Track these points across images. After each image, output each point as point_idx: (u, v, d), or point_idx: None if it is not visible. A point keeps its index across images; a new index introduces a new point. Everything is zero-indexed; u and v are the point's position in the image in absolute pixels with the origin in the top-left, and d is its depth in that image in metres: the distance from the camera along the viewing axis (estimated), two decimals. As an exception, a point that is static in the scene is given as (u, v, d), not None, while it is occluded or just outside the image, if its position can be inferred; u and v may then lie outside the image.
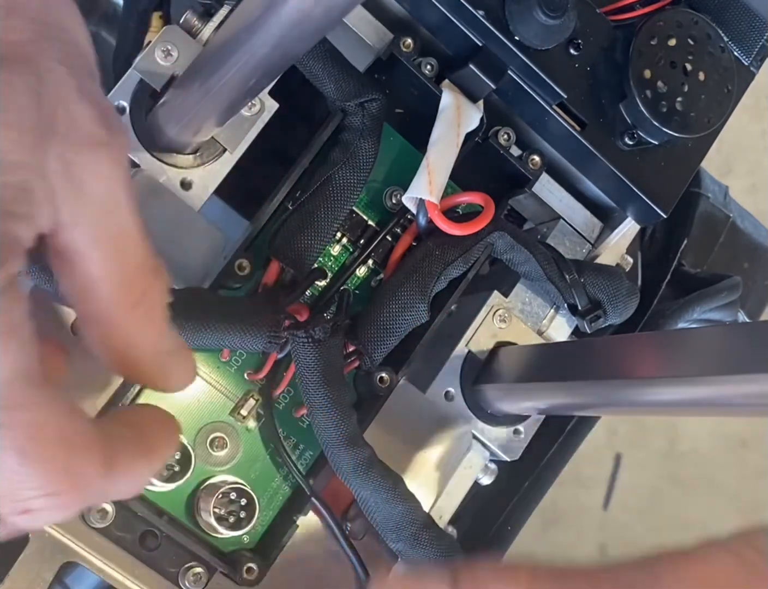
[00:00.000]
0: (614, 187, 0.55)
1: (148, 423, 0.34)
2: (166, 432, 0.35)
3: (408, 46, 0.52)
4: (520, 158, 0.55)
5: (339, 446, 0.48)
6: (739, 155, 1.48)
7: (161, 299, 0.34)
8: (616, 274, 0.55)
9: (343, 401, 0.48)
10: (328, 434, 0.48)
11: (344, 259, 0.55)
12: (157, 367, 0.35)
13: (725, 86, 0.53)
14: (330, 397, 0.48)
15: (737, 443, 1.45)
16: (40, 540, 0.46)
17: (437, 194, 0.50)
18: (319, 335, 0.47)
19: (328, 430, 0.48)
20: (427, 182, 0.50)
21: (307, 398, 0.48)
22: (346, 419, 0.48)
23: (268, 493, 0.52)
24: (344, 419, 0.48)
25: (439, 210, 0.51)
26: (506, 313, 0.55)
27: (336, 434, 0.48)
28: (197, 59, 0.43)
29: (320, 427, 0.48)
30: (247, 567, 0.49)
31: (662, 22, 0.52)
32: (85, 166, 0.30)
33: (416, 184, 0.51)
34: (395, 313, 0.51)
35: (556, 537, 1.37)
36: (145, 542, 0.49)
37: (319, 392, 0.48)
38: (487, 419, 0.54)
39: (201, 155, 0.49)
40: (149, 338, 0.34)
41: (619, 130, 0.52)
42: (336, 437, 0.48)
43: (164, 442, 0.35)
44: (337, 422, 0.48)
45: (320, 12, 0.33)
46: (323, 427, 0.48)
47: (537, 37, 0.49)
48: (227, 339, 0.46)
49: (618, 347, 0.45)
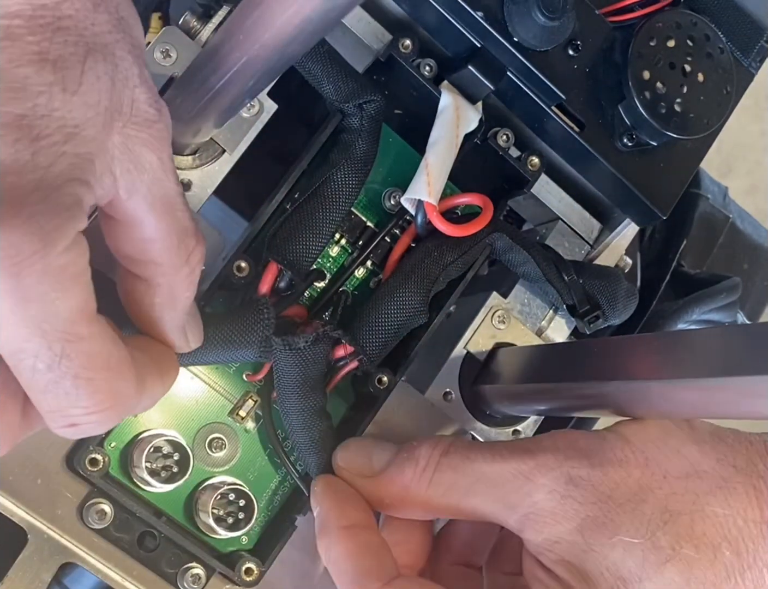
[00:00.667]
0: (613, 188, 0.55)
1: (156, 350, 0.39)
2: (171, 357, 0.40)
3: (407, 48, 0.52)
4: (519, 159, 0.55)
5: (305, 450, 0.49)
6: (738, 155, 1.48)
7: (200, 261, 0.38)
8: (614, 276, 0.55)
9: (314, 407, 0.49)
10: (296, 437, 0.49)
11: (343, 261, 0.55)
12: (182, 325, 0.40)
13: (724, 87, 0.53)
14: (300, 403, 0.49)
15: (737, 444, 1.45)
16: (38, 541, 0.46)
17: (436, 196, 0.50)
18: (300, 343, 0.47)
19: (296, 433, 0.49)
20: (426, 183, 0.50)
21: (281, 401, 0.49)
22: (315, 424, 0.49)
23: (267, 494, 0.52)
24: (312, 425, 0.49)
25: (437, 211, 0.51)
26: (505, 314, 0.55)
27: (303, 438, 0.49)
28: (196, 60, 0.43)
29: (291, 429, 0.50)
30: (245, 568, 0.49)
31: (661, 24, 0.52)
32: (141, 141, 0.34)
33: (415, 186, 0.51)
34: (394, 314, 0.51)
35: (555, 538, 1.37)
36: (143, 543, 0.49)
37: (291, 396, 0.49)
38: (486, 419, 0.54)
39: (200, 156, 0.49)
40: (187, 298, 0.39)
41: (618, 131, 0.52)
42: (303, 441, 0.49)
43: (172, 365, 0.40)
44: (305, 426, 0.49)
45: (319, 13, 0.33)
46: (292, 430, 0.50)
47: (536, 39, 0.49)
48: (219, 358, 0.47)
49: (617, 348, 0.45)
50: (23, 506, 0.46)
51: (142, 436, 0.49)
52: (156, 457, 0.49)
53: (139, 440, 0.49)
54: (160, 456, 0.49)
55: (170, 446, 0.49)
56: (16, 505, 0.46)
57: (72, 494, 0.47)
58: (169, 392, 0.50)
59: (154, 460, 0.49)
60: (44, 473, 0.46)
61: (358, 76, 0.51)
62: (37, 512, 0.46)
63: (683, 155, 0.54)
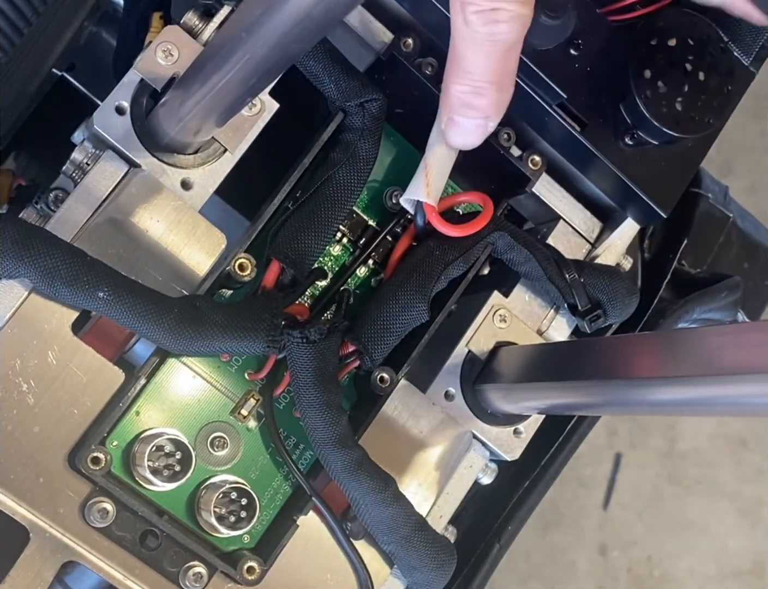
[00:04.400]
0: (614, 187, 0.55)
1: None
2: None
3: (408, 47, 0.52)
4: (520, 158, 0.55)
5: (329, 447, 0.48)
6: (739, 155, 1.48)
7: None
8: (616, 274, 0.55)
9: (335, 402, 0.48)
10: (319, 434, 0.48)
11: (344, 260, 0.55)
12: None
13: (725, 86, 0.53)
14: (321, 398, 0.48)
15: (737, 443, 1.45)
16: (40, 539, 0.46)
17: (434, 196, 0.50)
18: (315, 336, 0.47)
19: (319, 430, 0.48)
20: (425, 184, 0.50)
21: (299, 398, 0.49)
22: (337, 419, 0.48)
23: (269, 492, 0.53)
24: (335, 420, 0.48)
25: (436, 212, 0.51)
26: (506, 313, 0.55)
27: (326, 435, 0.48)
28: (198, 59, 0.43)
29: (311, 427, 0.49)
30: (247, 566, 0.49)
31: (662, 23, 0.52)
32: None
33: (413, 186, 0.51)
34: (395, 313, 0.51)
35: (556, 537, 1.37)
36: (145, 542, 0.49)
37: (310, 392, 0.48)
38: (487, 418, 0.54)
39: (201, 155, 0.49)
40: None
41: (619, 130, 0.52)
42: (326, 437, 0.48)
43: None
44: (328, 422, 0.48)
45: (320, 12, 0.33)
46: (314, 427, 0.48)
47: (537, 37, 0.49)
48: (226, 346, 0.46)
49: (618, 347, 0.45)
50: (25, 505, 0.46)
51: (144, 435, 0.49)
52: (158, 456, 0.49)
53: (141, 438, 0.49)
54: (162, 455, 0.49)
55: (172, 445, 0.49)
56: (18, 503, 0.46)
57: (74, 493, 0.47)
58: (171, 391, 0.50)
59: (156, 459, 0.49)
60: (46, 472, 0.46)
61: (360, 75, 0.51)
62: (39, 510, 0.46)
63: (684, 154, 0.54)
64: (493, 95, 0.44)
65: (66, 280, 0.44)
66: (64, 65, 0.64)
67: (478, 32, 0.40)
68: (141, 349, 0.50)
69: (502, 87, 0.44)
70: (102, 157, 0.48)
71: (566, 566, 1.39)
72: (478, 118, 0.45)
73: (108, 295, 0.44)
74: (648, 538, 1.43)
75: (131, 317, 0.44)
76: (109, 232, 0.47)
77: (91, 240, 0.47)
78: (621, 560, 1.41)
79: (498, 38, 0.40)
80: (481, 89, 0.43)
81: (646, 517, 1.44)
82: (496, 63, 0.42)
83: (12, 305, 0.45)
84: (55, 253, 0.44)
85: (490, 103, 0.44)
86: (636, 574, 1.41)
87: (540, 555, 1.38)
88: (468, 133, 0.46)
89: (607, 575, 1.40)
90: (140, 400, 0.50)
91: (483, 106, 0.44)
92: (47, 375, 0.46)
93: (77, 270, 0.44)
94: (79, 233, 0.47)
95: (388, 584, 0.52)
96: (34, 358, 0.46)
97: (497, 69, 0.43)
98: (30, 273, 0.44)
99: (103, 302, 0.44)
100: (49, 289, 0.44)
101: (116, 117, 0.48)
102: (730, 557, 1.43)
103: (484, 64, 0.42)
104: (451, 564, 0.51)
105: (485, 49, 0.41)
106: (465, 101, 0.44)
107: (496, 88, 0.43)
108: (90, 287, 0.44)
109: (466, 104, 0.44)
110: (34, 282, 0.44)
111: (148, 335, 0.45)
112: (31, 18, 0.62)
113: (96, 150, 0.48)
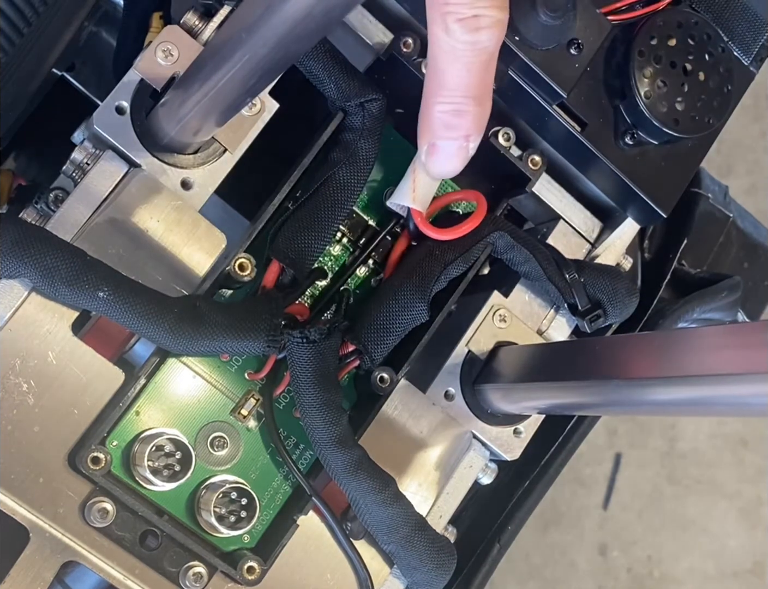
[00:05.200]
0: (614, 187, 0.55)
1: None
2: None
3: (408, 46, 0.52)
4: (520, 158, 0.55)
5: (329, 447, 0.48)
6: (739, 155, 1.48)
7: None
8: (616, 274, 0.55)
9: (335, 402, 0.48)
10: (319, 434, 0.48)
11: (344, 259, 0.55)
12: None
13: (725, 86, 0.53)
14: (321, 397, 0.48)
15: (737, 443, 1.45)
16: (40, 539, 0.46)
17: (421, 201, 0.50)
18: (315, 336, 0.47)
19: (319, 430, 0.48)
20: (411, 189, 0.49)
21: (299, 398, 0.49)
22: (337, 419, 0.48)
23: (269, 492, 0.53)
24: (335, 420, 0.48)
25: (423, 217, 0.51)
26: (506, 313, 0.55)
27: (326, 435, 0.48)
28: (198, 59, 0.43)
29: (311, 427, 0.49)
30: (247, 566, 0.49)
31: (662, 22, 0.52)
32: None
33: (400, 191, 0.51)
34: (395, 312, 0.51)
35: (556, 537, 1.37)
36: (145, 542, 0.49)
37: (310, 392, 0.48)
38: (487, 418, 0.54)
39: (201, 155, 0.49)
40: None
41: (619, 130, 0.52)
42: (326, 437, 0.48)
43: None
44: (328, 422, 0.48)
45: (320, 12, 0.33)
46: (314, 427, 0.48)
47: (538, 37, 0.49)
48: (226, 346, 0.46)
49: (618, 346, 0.45)
50: (25, 505, 0.46)
51: (144, 434, 0.49)
52: (158, 455, 0.49)
53: (141, 438, 0.49)
54: (162, 455, 0.49)
55: (172, 445, 0.49)
56: (18, 503, 0.46)
57: (74, 493, 0.47)
58: (171, 390, 0.50)
59: (156, 458, 0.49)
60: (46, 472, 0.46)
61: (360, 75, 0.51)
62: (39, 510, 0.46)
63: (684, 154, 0.54)
64: (475, 111, 0.42)
65: (66, 280, 0.44)
66: (64, 65, 0.65)
67: (460, 41, 0.39)
68: (141, 349, 0.50)
69: (482, 101, 0.42)
70: (102, 157, 0.48)
71: (566, 566, 1.39)
72: (459, 138, 0.44)
73: (108, 295, 0.44)
74: (648, 538, 1.43)
75: (131, 316, 0.44)
76: (109, 232, 0.47)
77: (91, 240, 0.47)
78: (621, 560, 1.41)
79: (480, 46, 0.40)
80: (462, 106, 0.42)
81: (646, 517, 1.44)
82: (477, 75, 0.41)
83: (12, 304, 0.45)
84: (55, 253, 0.44)
85: (471, 120, 0.43)
86: (636, 574, 1.41)
87: (540, 555, 1.38)
88: (450, 157, 0.45)
89: (607, 575, 1.40)
90: (140, 400, 0.50)
91: (464, 125, 0.43)
92: (47, 375, 0.46)
93: (77, 270, 0.44)
94: (79, 233, 0.47)
95: (388, 584, 0.52)
96: (34, 358, 0.46)
97: (478, 82, 0.41)
98: (30, 273, 0.44)
99: (103, 301, 0.44)
100: (49, 289, 0.44)
101: (116, 117, 0.48)
102: (730, 557, 1.43)
103: (466, 77, 0.41)
104: (451, 564, 0.51)
105: (467, 61, 0.40)
106: (446, 122, 0.43)
107: (476, 103, 0.42)
108: (90, 287, 0.44)
109: (447, 125, 0.43)
110: (34, 282, 0.44)
111: (148, 334, 0.45)
112: (31, 18, 0.62)
113: (96, 150, 0.49)
